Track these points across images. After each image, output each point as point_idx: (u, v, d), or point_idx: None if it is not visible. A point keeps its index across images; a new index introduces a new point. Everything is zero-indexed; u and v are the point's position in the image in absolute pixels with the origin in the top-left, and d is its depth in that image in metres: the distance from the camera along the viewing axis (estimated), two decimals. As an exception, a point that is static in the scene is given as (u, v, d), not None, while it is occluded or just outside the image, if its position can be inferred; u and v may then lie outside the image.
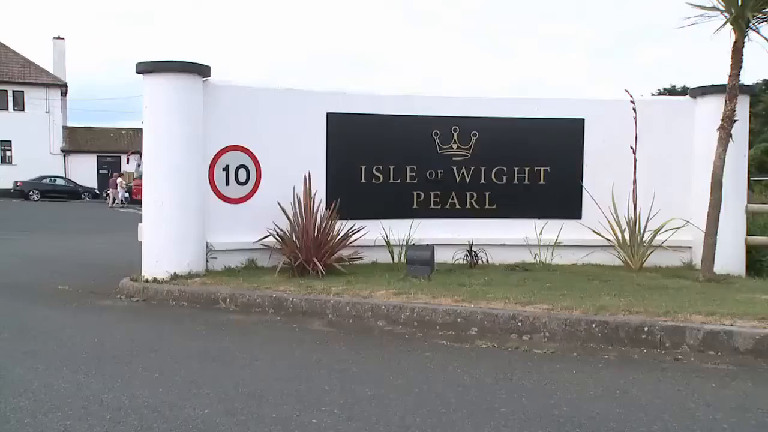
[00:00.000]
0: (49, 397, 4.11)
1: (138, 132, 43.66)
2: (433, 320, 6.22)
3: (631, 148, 9.28)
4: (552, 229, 9.35)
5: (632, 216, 9.13)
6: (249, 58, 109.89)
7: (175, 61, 8.21)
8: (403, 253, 8.82)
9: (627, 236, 9.13)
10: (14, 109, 44.68)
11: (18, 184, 41.75)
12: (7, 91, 44.53)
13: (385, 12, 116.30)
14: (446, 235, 9.26)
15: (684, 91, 9.47)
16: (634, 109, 9.27)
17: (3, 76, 44.41)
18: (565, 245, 9.38)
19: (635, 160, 9.27)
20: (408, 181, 9.43)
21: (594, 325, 5.72)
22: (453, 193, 9.52)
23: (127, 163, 42.86)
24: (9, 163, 44.50)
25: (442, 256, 8.82)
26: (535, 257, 9.36)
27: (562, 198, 9.61)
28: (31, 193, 41.43)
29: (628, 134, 9.32)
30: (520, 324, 5.93)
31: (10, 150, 44.82)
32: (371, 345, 5.62)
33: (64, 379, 4.49)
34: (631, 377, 4.70)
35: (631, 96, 9.36)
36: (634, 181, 9.25)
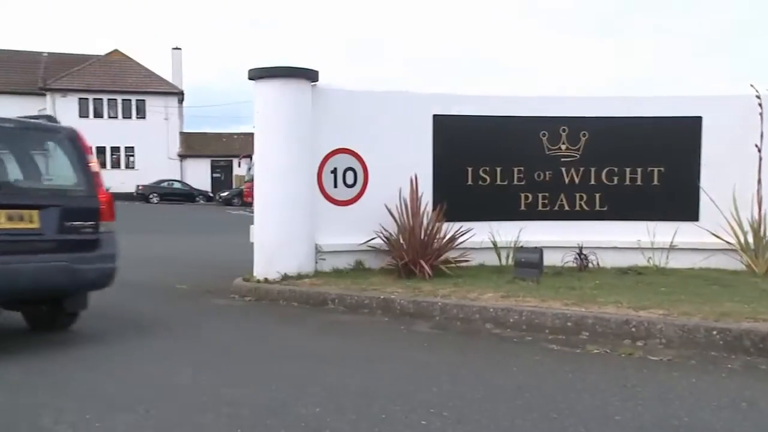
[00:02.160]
0: (171, 390, 4.29)
1: (249, 136, 45.08)
2: (542, 324, 6.10)
3: (756, 146, 8.78)
4: (665, 232, 8.97)
5: (756, 217, 8.65)
6: (357, 62, 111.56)
7: (284, 67, 8.44)
8: (511, 255, 8.70)
9: (750, 239, 8.66)
10: (137, 117, 47.31)
11: (139, 187, 44.19)
12: (130, 100, 47.22)
13: (483, 8, 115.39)
14: (554, 237, 9.06)
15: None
16: (760, 104, 8.77)
17: (127, 87, 47.11)
18: (680, 248, 8.98)
19: (760, 159, 8.77)
20: (515, 182, 9.30)
21: (715, 332, 5.44)
22: (562, 195, 9.31)
23: (239, 166, 44.43)
24: (132, 168, 47.15)
25: (550, 259, 8.63)
26: (648, 260, 9.01)
27: (678, 199, 9.22)
28: (150, 196, 43.72)
29: (750, 132, 8.82)
30: (633, 329, 5.72)
31: (133, 155, 47.47)
32: (479, 347, 5.57)
33: (184, 373, 4.69)
34: (759, 388, 4.44)
35: (757, 91, 8.84)
36: (759, 181, 8.76)
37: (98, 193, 5.89)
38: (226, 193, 43.35)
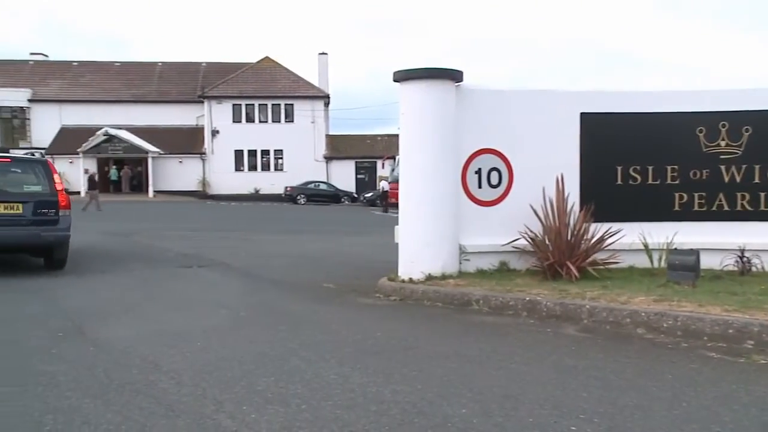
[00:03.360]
0: (321, 386, 4.44)
1: (392, 138, 45.90)
2: (699, 330, 5.78)
3: None
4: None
5: None
6: (499, 60, 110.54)
7: (429, 69, 8.49)
8: (663, 257, 8.29)
9: None
10: (285, 121, 49.28)
11: (287, 189, 46.00)
12: (280, 105, 49.26)
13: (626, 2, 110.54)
14: (712, 239, 8.54)
15: None
16: None
17: (277, 92, 49.21)
18: None
19: None
20: (668, 181, 8.86)
21: None
22: (720, 194, 8.76)
23: (383, 167, 45.16)
24: (281, 170, 49.14)
25: (706, 262, 8.14)
26: (821, 265, 8.30)
27: None
28: (298, 197, 45.34)
29: None
30: (805, 339, 5.29)
31: (282, 158, 49.51)
32: (630, 353, 5.35)
33: (332, 370, 4.83)
34: None
35: None
36: None
37: (58, 194, 10.26)
38: (370, 194, 44.16)
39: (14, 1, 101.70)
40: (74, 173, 46.30)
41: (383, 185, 38.89)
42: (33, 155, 14.31)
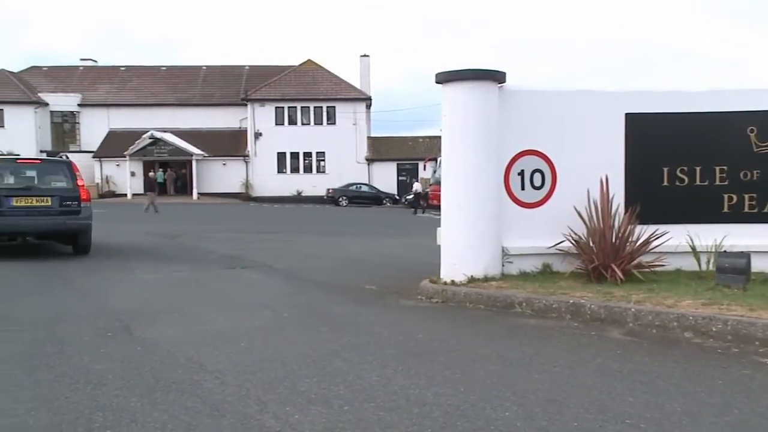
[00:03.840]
0: (363, 388, 4.45)
1: (434, 139, 45.82)
2: (751, 335, 5.64)
3: None
4: None
5: None
6: (543, 60, 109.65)
7: (472, 70, 8.45)
8: (712, 260, 8.11)
9: None
10: (327, 123, 49.61)
11: (329, 191, 46.30)
12: (322, 107, 49.62)
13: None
14: (764, 241, 8.33)
15: None
16: None
17: (319, 94, 49.59)
18: None
19: None
20: (717, 182, 8.67)
21: None
22: (772, 195, 8.54)
23: (424, 169, 45.07)
24: (323, 172, 49.47)
25: (757, 265, 7.92)
26: None
27: None
28: (340, 199, 45.60)
29: None
30: None
31: (324, 160, 49.82)
32: (678, 357, 5.25)
33: (375, 372, 4.84)
34: None
35: None
36: None
37: (80, 190, 12.40)
38: (411, 196, 44.20)
39: (67, 10, 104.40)
40: (121, 175, 47.39)
41: (416, 187, 38.94)
42: (60, 157, 17.70)
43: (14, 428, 3.76)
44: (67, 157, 16.83)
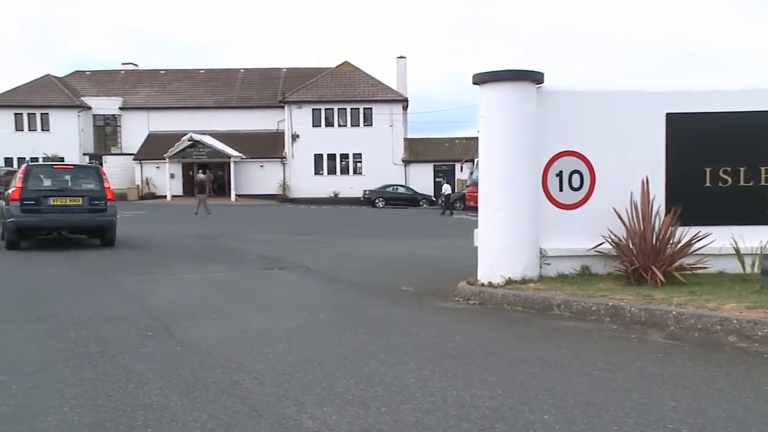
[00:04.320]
0: (400, 389, 4.45)
1: (470, 141, 45.70)
2: (797, 340, 5.50)
3: None
4: None
5: None
6: (580, 61, 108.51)
7: (510, 71, 8.39)
8: (757, 262, 7.93)
9: None
10: (364, 125, 49.77)
11: (366, 192, 46.41)
12: (358, 109, 49.81)
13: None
14: (810, 243, 8.13)
15: None
16: None
17: (356, 96, 49.79)
18: None
19: None
20: (762, 183, 8.47)
21: None
22: (820, 197, 8.33)
23: (461, 170, 44.91)
24: (359, 173, 49.65)
25: (805, 268, 7.76)
26: None
27: None
28: (376, 200, 45.69)
29: None
30: None
31: (361, 162, 49.99)
32: (721, 362, 5.14)
33: (412, 374, 4.83)
34: None
35: None
36: None
37: (106, 191, 14.55)
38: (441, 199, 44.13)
39: (109, 14, 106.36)
40: (161, 177, 48.12)
41: (445, 189, 38.85)
42: (91, 163, 20.97)
43: (60, 425, 3.84)
44: (96, 163, 19.43)
